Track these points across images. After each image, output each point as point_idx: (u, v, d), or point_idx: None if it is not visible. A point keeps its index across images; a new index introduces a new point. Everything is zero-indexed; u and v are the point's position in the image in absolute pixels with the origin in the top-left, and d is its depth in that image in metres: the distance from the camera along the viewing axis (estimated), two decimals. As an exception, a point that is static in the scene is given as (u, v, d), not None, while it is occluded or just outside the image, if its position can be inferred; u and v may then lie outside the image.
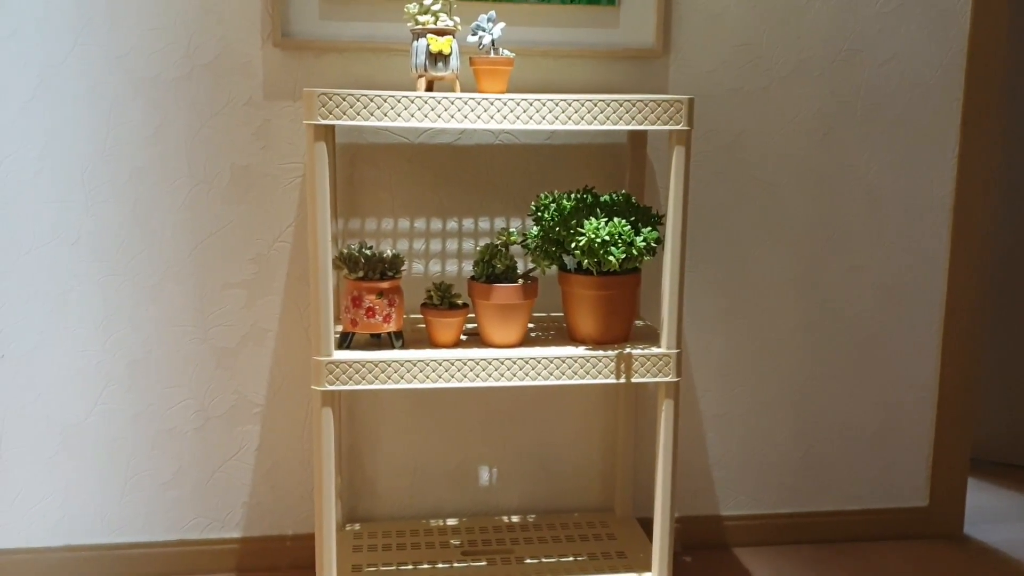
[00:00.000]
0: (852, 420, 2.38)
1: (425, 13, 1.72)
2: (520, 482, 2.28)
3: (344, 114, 1.68)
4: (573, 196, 1.93)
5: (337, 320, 1.97)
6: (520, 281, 1.88)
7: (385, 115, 1.69)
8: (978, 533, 2.47)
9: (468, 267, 2.17)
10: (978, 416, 2.82)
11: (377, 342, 1.88)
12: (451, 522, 2.24)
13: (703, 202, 2.21)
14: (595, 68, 2.12)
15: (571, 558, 2.07)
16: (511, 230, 1.90)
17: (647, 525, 2.15)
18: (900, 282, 2.33)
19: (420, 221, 2.15)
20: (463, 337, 1.94)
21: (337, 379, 1.78)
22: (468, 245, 2.17)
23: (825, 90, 2.22)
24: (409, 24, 1.74)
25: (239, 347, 2.13)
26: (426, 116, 1.70)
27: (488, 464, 2.27)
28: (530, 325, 2.05)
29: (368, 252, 1.85)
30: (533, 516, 2.27)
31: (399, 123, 1.69)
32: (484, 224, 2.17)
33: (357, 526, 2.21)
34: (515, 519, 2.26)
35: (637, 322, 2.08)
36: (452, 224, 2.16)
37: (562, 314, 2.10)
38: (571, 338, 1.94)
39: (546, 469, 2.28)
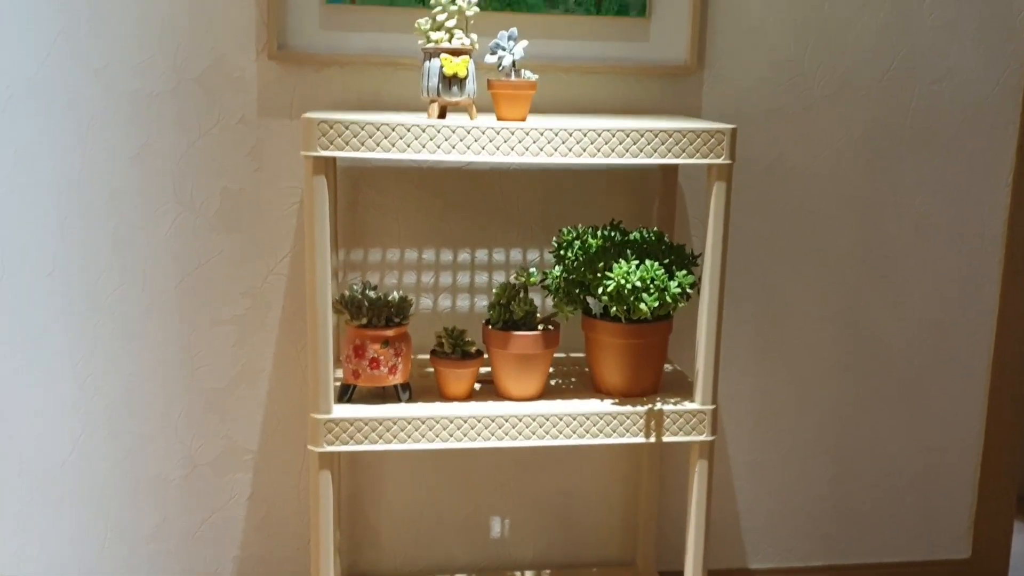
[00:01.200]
0: (891, 466, 2.20)
1: (438, 29, 1.53)
2: (535, 534, 2.10)
3: (347, 144, 1.50)
4: (600, 233, 1.75)
5: (337, 363, 1.79)
6: (540, 327, 1.70)
7: (393, 145, 1.50)
8: (1023, 585, 2.31)
9: (480, 302, 1.98)
10: None
11: (381, 393, 1.69)
12: (459, 576, 2.07)
13: (737, 231, 2.02)
14: (623, 85, 1.93)
15: (590, 622, 1.90)
16: (531, 270, 1.71)
17: (672, 582, 1.98)
18: (947, 318, 2.15)
19: (429, 252, 1.96)
20: (477, 386, 1.76)
21: (337, 439, 1.59)
22: (481, 278, 1.98)
23: (871, 111, 2.03)
24: (420, 42, 1.55)
25: (229, 388, 1.94)
26: (439, 147, 1.51)
27: (501, 514, 2.09)
28: (550, 370, 1.86)
29: (372, 295, 1.66)
30: (549, 571, 2.10)
31: (409, 155, 1.51)
32: (499, 256, 1.98)
33: (357, 580, 2.04)
34: (529, 574, 2.09)
35: (666, 366, 1.90)
36: (464, 255, 1.97)
37: (583, 354, 1.92)
38: (595, 388, 1.76)
39: (563, 520, 2.10)
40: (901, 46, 2.01)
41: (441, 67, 1.51)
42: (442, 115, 1.57)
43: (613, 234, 1.75)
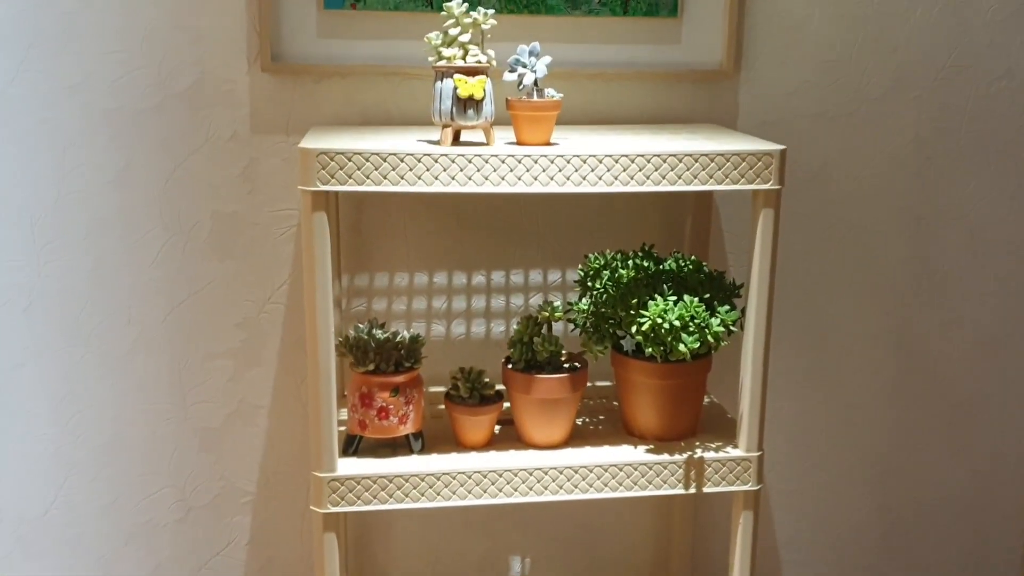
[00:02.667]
0: (941, 492, 2.05)
1: (450, 45, 1.35)
2: (558, 573, 1.95)
3: (350, 177, 1.33)
4: (631, 262, 1.58)
5: (342, 399, 1.63)
6: (566, 366, 1.54)
7: (402, 178, 1.33)
8: (1078, 615, 2.16)
9: (497, 327, 1.82)
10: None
11: (391, 442, 1.54)
12: (477, 621, 1.93)
13: (778, 246, 1.85)
14: (652, 92, 1.75)
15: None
16: (555, 304, 1.55)
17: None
18: (1002, 337, 1.98)
19: (440, 275, 1.79)
20: (497, 427, 1.60)
21: (342, 499, 1.44)
22: (498, 302, 1.82)
23: (924, 114, 1.85)
24: (431, 58, 1.37)
25: (225, 426, 1.79)
26: (453, 178, 1.34)
27: (521, 552, 1.94)
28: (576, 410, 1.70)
29: (379, 335, 1.50)
30: (573, 614, 1.96)
31: (419, 188, 1.34)
32: (517, 278, 1.81)
33: (368, 627, 1.89)
34: (552, 618, 1.95)
35: (704, 399, 1.74)
36: (479, 278, 1.80)
37: (611, 383, 1.76)
38: (627, 432, 1.61)
39: (588, 557, 1.96)
40: (957, 43, 1.83)
41: (455, 88, 1.33)
42: (456, 139, 1.40)
43: (645, 263, 1.58)
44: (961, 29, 1.83)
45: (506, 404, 1.58)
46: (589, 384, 1.80)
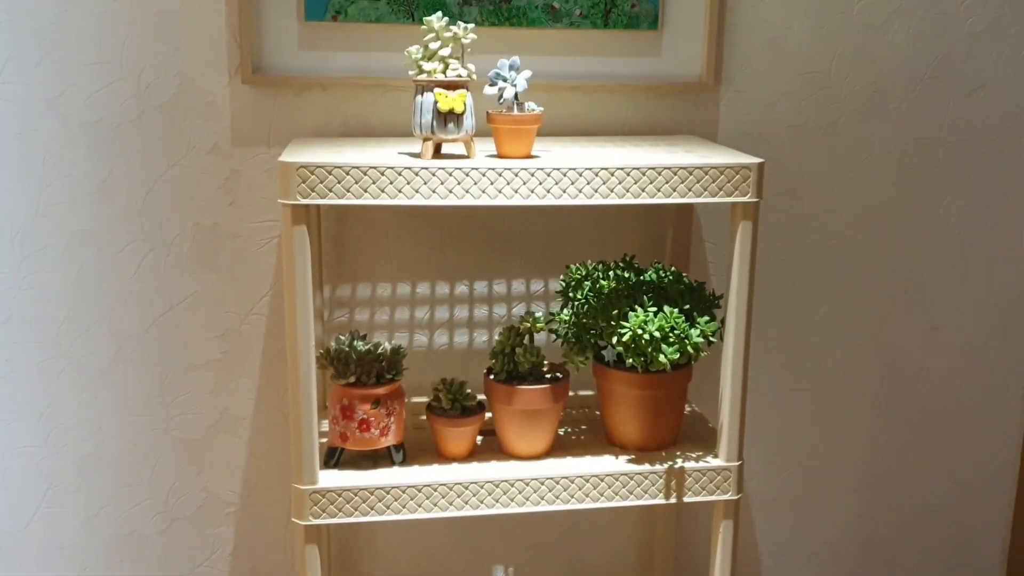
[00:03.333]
0: (921, 500, 2.06)
1: (431, 59, 1.35)
2: (541, 583, 1.96)
3: (331, 191, 1.33)
4: (612, 273, 1.58)
5: (322, 409, 1.63)
6: (548, 378, 1.54)
7: (383, 191, 1.34)
8: (1057, 620, 2.18)
9: (480, 337, 1.82)
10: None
11: (372, 454, 1.54)
12: (460, 631, 1.93)
13: (759, 256, 1.85)
14: (633, 104, 1.76)
15: None
16: (536, 315, 1.55)
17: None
18: (983, 346, 2.00)
19: (423, 285, 1.80)
20: (479, 438, 1.60)
21: (324, 511, 1.44)
22: (481, 312, 1.82)
23: (903, 125, 1.86)
24: (411, 72, 1.37)
25: (207, 438, 1.79)
26: (434, 191, 1.34)
27: (504, 562, 1.94)
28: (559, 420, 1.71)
29: (361, 347, 1.50)
30: (556, 623, 1.96)
31: (400, 200, 1.34)
32: (500, 288, 1.82)
33: (351, 638, 1.89)
34: (535, 627, 1.95)
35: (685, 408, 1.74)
36: (461, 288, 1.81)
37: (592, 393, 1.77)
38: (609, 442, 1.62)
39: (572, 567, 1.96)
40: (935, 55, 1.85)
41: (435, 102, 1.34)
42: (437, 152, 1.40)
43: (626, 274, 1.58)
44: (939, 42, 1.84)
45: (488, 415, 1.59)
46: (571, 394, 1.80)
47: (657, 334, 1.45)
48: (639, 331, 1.45)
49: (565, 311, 1.58)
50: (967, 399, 2.02)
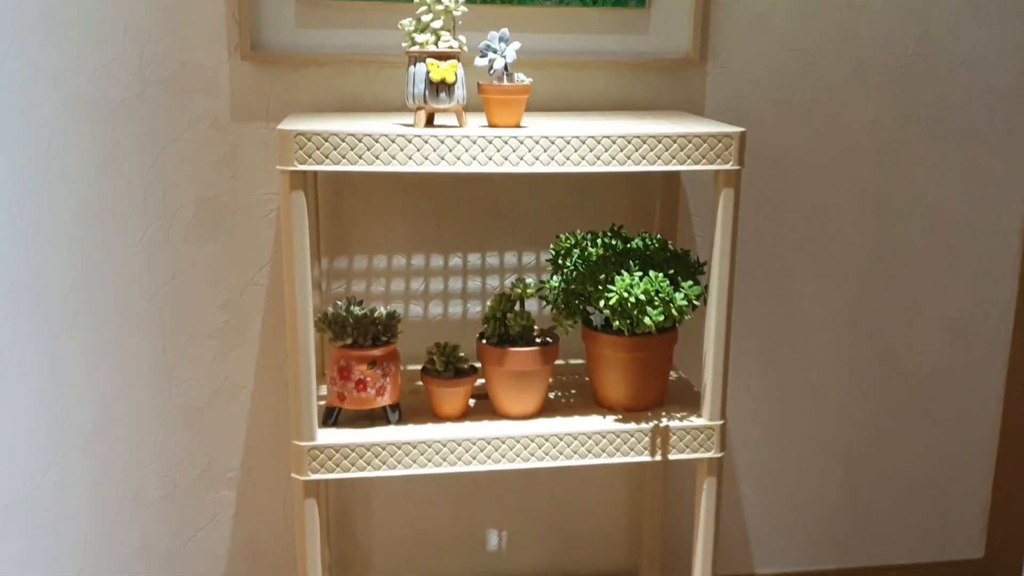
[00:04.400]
0: (904, 468, 2.12)
1: (423, 31, 1.41)
2: (534, 547, 2.01)
3: (327, 157, 1.38)
4: (599, 240, 1.64)
5: (321, 376, 1.69)
6: (538, 341, 1.60)
7: (377, 158, 1.39)
8: (1038, 586, 2.23)
9: (473, 308, 1.88)
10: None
11: (369, 414, 1.59)
12: (456, 594, 1.98)
13: (744, 229, 1.92)
14: (621, 80, 1.82)
15: (594, 643, 1.82)
16: (527, 281, 1.61)
17: (677, 596, 1.90)
18: (963, 318, 2.05)
19: (418, 258, 1.85)
20: (472, 401, 1.66)
21: (322, 466, 1.50)
22: (474, 284, 1.88)
23: (884, 101, 1.92)
24: (404, 44, 1.43)
25: (209, 405, 1.84)
26: (426, 159, 1.40)
27: (497, 527, 2.00)
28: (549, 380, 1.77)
29: (357, 311, 1.55)
30: (548, 586, 2.02)
31: (394, 167, 1.40)
32: (492, 260, 1.87)
33: (349, 600, 1.95)
34: (528, 590, 2.01)
35: (671, 374, 1.80)
36: (455, 260, 1.86)
37: (583, 361, 1.83)
38: (597, 403, 1.67)
39: (563, 531, 2.02)
40: (916, 32, 1.90)
41: (427, 72, 1.40)
42: (429, 122, 1.46)
43: (614, 242, 1.64)
44: (919, 19, 1.90)
45: (480, 381, 1.64)
46: (562, 362, 1.87)
47: (642, 297, 1.51)
48: (625, 294, 1.51)
49: (555, 278, 1.63)
50: (947, 370, 2.08)
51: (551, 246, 1.69)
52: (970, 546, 2.20)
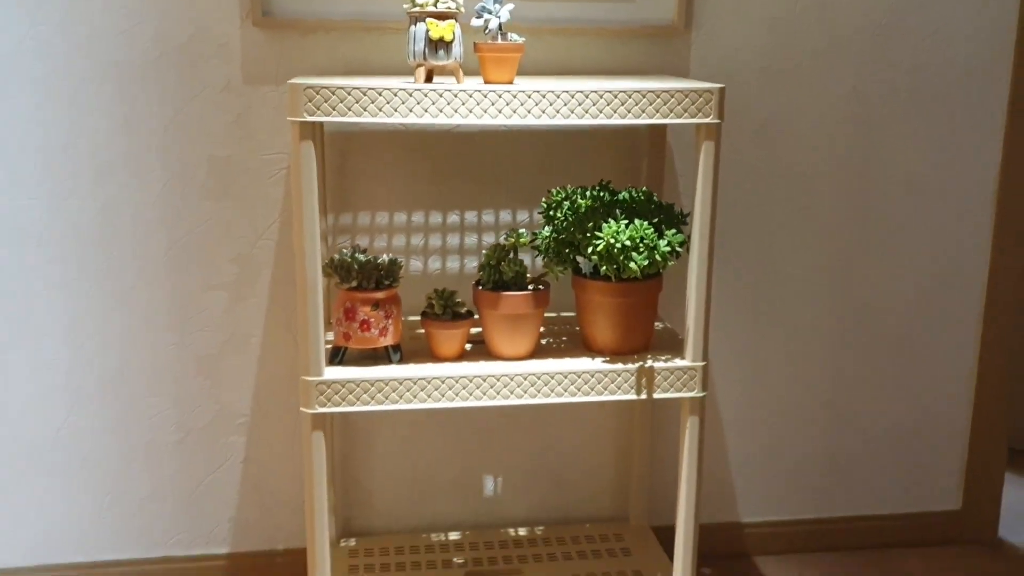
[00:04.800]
0: (883, 421, 2.22)
1: (423, -8, 1.52)
2: (527, 492, 2.12)
3: (334, 109, 1.49)
4: (588, 193, 1.75)
5: (328, 326, 1.80)
6: (531, 287, 1.71)
7: (380, 110, 1.50)
8: (1013, 536, 2.34)
9: (471, 264, 1.99)
10: (1017, 410, 2.66)
11: (372, 354, 1.70)
12: (454, 536, 2.09)
13: (727, 191, 2.02)
14: (610, 47, 1.92)
15: (584, 578, 1.93)
16: (520, 231, 1.71)
17: (663, 534, 2.00)
18: (939, 276, 2.16)
19: (418, 215, 1.96)
20: (468, 346, 1.77)
21: (329, 400, 1.61)
22: (471, 240, 1.98)
23: (861, 68, 2.02)
24: (406, 6, 1.54)
25: (220, 354, 1.95)
26: (426, 111, 1.51)
27: (493, 473, 2.11)
28: (541, 329, 1.87)
29: (362, 258, 1.66)
30: (541, 528, 2.12)
31: (396, 119, 1.50)
32: (488, 217, 1.98)
33: (353, 541, 2.06)
34: (522, 532, 2.11)
35: (657, 324, 1.91)
36: (453, 218, 1.97)
37: (574, 314, 1.93)
38: (586, 347, 1.77)
39: (555, 477, 2.13)
40: (891, 2, 2.00)
41: (427, 31, 1.50)
42: (429, 79, 1.56)
43: (602, 194, 1.75)
44: (893, -11, 2.00)
45: (477, 331, 1.75)
46: (553, 314, 1.98)
47: (628, 243, 1.61)
48: (612, 240, 1.61)
49: (546, 229, 1.74)
50: (924, 326, 2.18)
51: (543, 199, 1.79)
52: (948, 497, 2.30)
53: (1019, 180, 2.12)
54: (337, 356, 1.67)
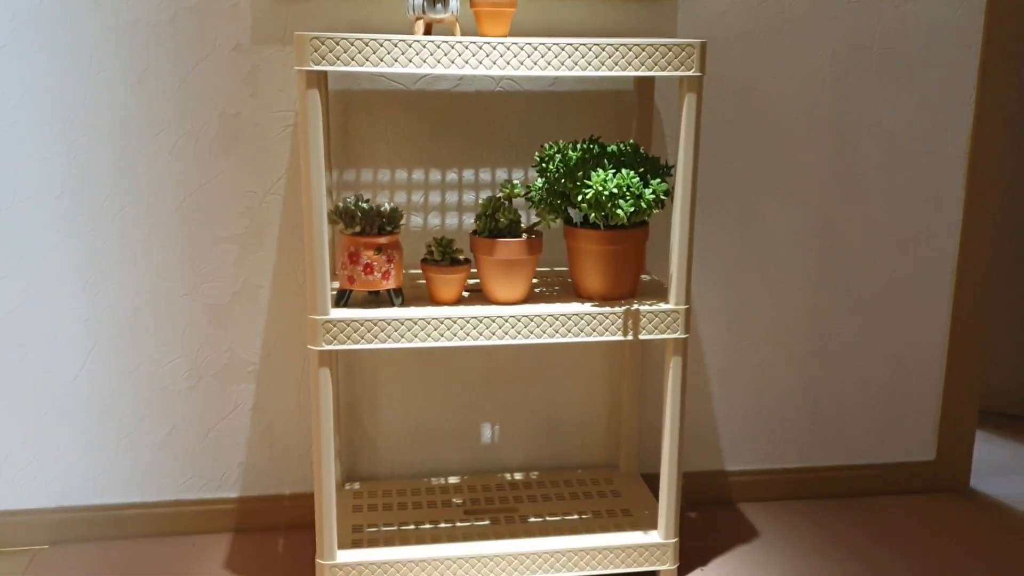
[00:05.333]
0: (861, 374, 2.33)
1: (423, -49, 1.62)
2: (523, 439, 2.23)
3: (338, 59, 1.59)
4: (579, 146, 1.85)
5: (334, 276, 1.90)
6: (524, 236, 1.81)
7: (381, 60, 1.60)
8: (984, 486, 2.44)
9: (469, 220, 2.09)
10: (988, 369, 2.77)
11: (375, 299, 1.80)
12: (453, 480, 2.19)
13: (713, 151, 2.12)
14: (601, 10, 2.02)
15: (576, 516, 2.03)
16: (515, 182, 1.82)
17: (652, 481, 2.10)
18: (914, 232, 2.26)
19: (418, 172, 2.06)
20: (465, 294, 1.87)
21: (335, 339, 1.71)
22: (469, 197, 2.08)
23: (840, 33, 2.12)
24: (406, -37, 1.64)
25: (231, 304, 2.05)
26: (424, 61, 1.61)
27: (491, 421, 2.21)
28: (534, 280, 1.98)
29: (365, 206, 1.76)
30: (536, 473, 2.23)
31: (396, 69, 1.60)
32: (485, 175, 2.08)
33: (357, 485, 2.16)
34: (518, 477, 2.21)
35: (644, 277, 2.01)
36: (452, 175, 2.07)
37: (567, 269, 2.03)
38: (577, 294, 1.88)
39: (550, 426, 2.23)
40: (867, -31, 2.10)
41: (426, -15, 1.60)
42: (427, 32, 1.66)
43: (592, 147, 1.85)
44: (870, -42, 2.10)
45: (474, 282, 1.85)
46: (547, 268, 2.08)
47: (615, 190, 1.72)
48: (600, 188, 1.71)
49: (539, 181, 1.84)
50: (900, 282, 2.28)
51: (536, 154, 1.89)
52: (923, 448, 2.40)
53: (990, 140, 2.22)
54: (342, 299, 1.77)
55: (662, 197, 1.76)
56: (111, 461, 2.08)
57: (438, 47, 1.60)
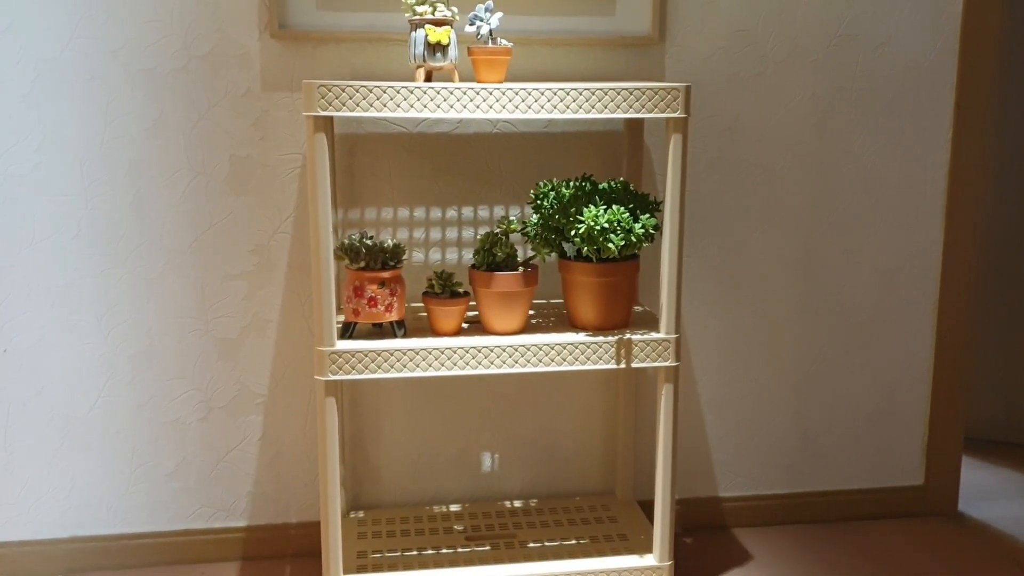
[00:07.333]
0: (849, 401, 2.40)
1: (423, 3, 1.73)
2: (522, 468, 2.30)
3: (344, 105, 1.69)
4: (572, 184, 1.95)
5: (339, 310, 1.99)
6: (520, 269, 1.90)
7: (384, 106, 1.70)
8: (972, 510, 2.50)
9: (468, 255, 2.18)
10: (972, 396, 2.84)
11: (379, 331, 1.89)
12: (454, 508, 2.26)
13: (701, 187, 2.22)
14: (592, 56, 2.13)
15: (573, 541, 2.10)
16: (511, 218, 1.91)
17: (648, 508, 2.18)
18: (895, 265, 2.35)
19: (420, 210, 2.16)
20: (465, 325, 1.96)
21: (340, 369, 1.79)
22: (468, 233, 2.18)
23: (820, 75, 2.23)
24: (407, 15, 1.75)
25: (240, 338, 2.14)
26: (425, 107, 1.71)
27: (490, 450, 2.29)
28: (531, 312, 2.06)
29: (369, 242, 1.86)
30: (535, 501, 2.30)
31: (399, 114, 1.70)
32: (483, 212, 2.18)
33: (361, 513, 2.23)
34: (517, 504, 2.28)
35: (636, 308, 2.10)
36: (452, 213, 2.17)
37: (562, 301, 2.12)
38: (571, 325, 1.96)
39: (548, 454, 2.30)
40: (845, 15, 2.21)
41: (426, 36, 1.71)
42: (428, 79, 1.77)
43: (584, 184, 1.94)
44: (848, 3, 2.21)
45: (473, 314, 1.93)
46: (543, 300, 2.17)
47: (607, 225, 1.81)
48: (592, 223, 1.81)
49: (534, 217, 1.93)
50: (884, 313, 2.37)
51: (531, 191, 1.99)
52: (911, 473, 2.47)
53: (966, 174, 2.32)
54: (347, 331, 1.86)
55: (651, 231, 1.86)
56: (124, 492, 2.15)
57: (438, 93, 1.70)
